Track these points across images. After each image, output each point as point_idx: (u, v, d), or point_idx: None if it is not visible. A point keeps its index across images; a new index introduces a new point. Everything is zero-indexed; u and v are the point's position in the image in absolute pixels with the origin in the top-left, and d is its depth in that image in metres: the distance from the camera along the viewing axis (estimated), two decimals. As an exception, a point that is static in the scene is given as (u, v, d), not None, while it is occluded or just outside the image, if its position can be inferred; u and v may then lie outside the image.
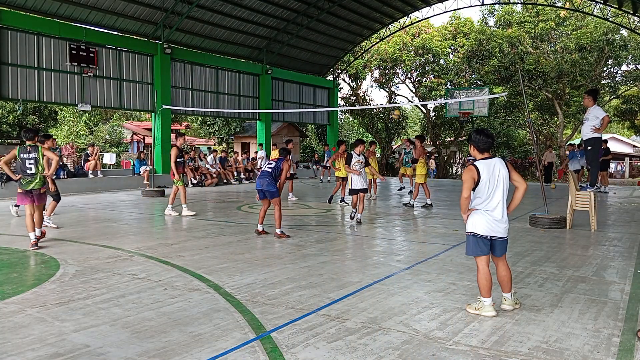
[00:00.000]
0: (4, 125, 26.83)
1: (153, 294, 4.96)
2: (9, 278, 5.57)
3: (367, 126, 38.40)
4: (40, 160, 7.34)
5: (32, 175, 7.32)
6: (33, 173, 7.31)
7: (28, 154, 7.32)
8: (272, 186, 8.19)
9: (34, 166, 7.32)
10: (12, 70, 16.01)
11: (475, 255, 4.42)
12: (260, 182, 8.25)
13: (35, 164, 7.33)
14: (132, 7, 18.50)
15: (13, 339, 3.77)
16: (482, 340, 3.82)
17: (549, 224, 9.13)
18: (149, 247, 7.35)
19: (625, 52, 29.98)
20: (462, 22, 35.60)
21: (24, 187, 7.34)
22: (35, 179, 7.33)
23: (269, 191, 8.19)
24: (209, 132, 34.98)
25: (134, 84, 19.41)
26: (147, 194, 15.19)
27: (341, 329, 4.03)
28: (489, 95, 25.49)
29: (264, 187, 8.19)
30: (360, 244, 7.76)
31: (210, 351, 3.57)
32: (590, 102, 9.13)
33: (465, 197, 4.37)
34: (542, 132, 34.64)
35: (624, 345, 3.75)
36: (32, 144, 7.40)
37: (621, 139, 48.33)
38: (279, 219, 8.22)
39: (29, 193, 7.36)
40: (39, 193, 7.43)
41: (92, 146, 19.16)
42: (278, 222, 8.22)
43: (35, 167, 7.32)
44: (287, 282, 5.42)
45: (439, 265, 6.22)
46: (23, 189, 7.37)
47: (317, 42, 26.59)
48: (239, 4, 20.92)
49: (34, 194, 7.38)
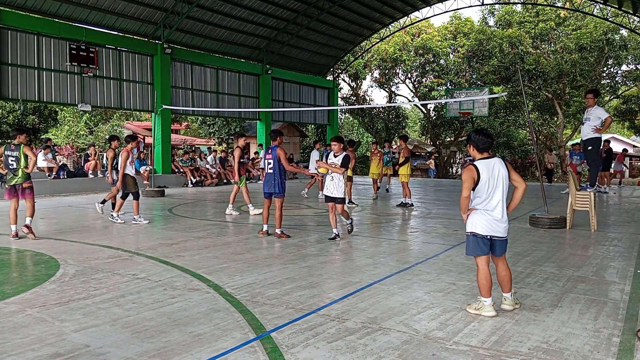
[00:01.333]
0: (4, 125, 26.82)
1: (153, 294, 4.96)
2: (9, 278, 5.57)
3: (367, 126, 38.40)
4: (21, 158, 7.86)
5: (14, 171, 7.90)
6: (14, 169, 7.90)
7: (11, 152, 7.91)
8: (278, 186, 8.11)
9: (15, 163, 7.89)
10: (12, 70, 16.02)
11: (475, 255, 4.42)
12: (267, 186, 8.20)
13: (16, 161, 7.88)
14: (132, 7, 18.50)
15: (13, 339, 3.77)
16: (482, 340, 3.82)
17: (549, 224, 9.13)
18: (149, 247, 7.35)
19: (625, 52, 29.98)
20: (462, 22, 35.61)
21: (9, 183, 8.00)
22: (17, 175, 7.89)
23: (275, 192, 8.15)
24: (209, 132, 34.99)
25: (134, 84, 19.41)
26: (147, 194, 15.19)
27: (341, 329, 4.03)
28: (489, 95, 25.49)
29: (272, 189, 8.16)
30: (360, 244, 7.76)
31: (210, 351, 3.57)
32: (593, 102, 9.13)
33: (465, 196, 4.37)
34: (542, 132, 34.64)
35: (624, 345, 3.75)
36: (16, 142, 7.95)
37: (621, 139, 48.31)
38: (279, 219, 8.17)
39: (12, 188, 7.97)
40: (21, 188, 7.96)
41: (92, 146, 19.17)
42: (278, 222, 8.18)
43: (16, 164, 7.88)
44: (287, 282, 5.42)
45: (439, 265, 6.22)
46: (8, 184, 8.01)
47: (317, 42, 26.59)
48: (239, 4, 20.93)
49: (18, 189, 7.97)
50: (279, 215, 8.16)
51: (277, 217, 8.15)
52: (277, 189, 8.12)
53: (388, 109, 36.97)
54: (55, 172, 16.47)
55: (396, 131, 39.04)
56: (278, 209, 8.15)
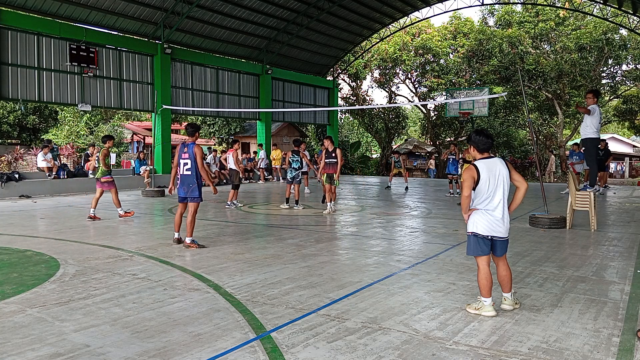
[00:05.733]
0: (5, 125, 26.84)
1: (153, 293, 4.96)
2: (9, 278, 5.57)
3: (367, 126, 38.40)
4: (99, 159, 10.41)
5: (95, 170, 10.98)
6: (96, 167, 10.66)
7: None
8: (196, 190, 7.28)
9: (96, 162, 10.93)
10: (12, 70, 16.01)
11: (476, 255, 4.42)
12: (183, 189, 7.33)
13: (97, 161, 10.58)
14: (132, 7, 18.49)
15: (13, 339, 3.77)
16: (482, 340, 3.82)
17: (549, 224, 9.13)
18: (149, 247, 7.35)
19: (625, 51, 29.98)
20: (462, 22, 35.60)
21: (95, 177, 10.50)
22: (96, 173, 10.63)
23: (192, 197, 7.31)
24: (209, 132, 34.98)
25: (134, 84, 19.40)
26: (147, 194, 15.19)
27: (341, 328, 4.03)
28: (489, 95, 25.48)
29: (188, 193, 7.30)
30: (360, 244, 7.76)
31: (210, 351, 3.57)
32: (593, 102, 9.14)
33: (465, 195, 4.37)
34: (542, 132, 34.64)
35: (623, 345, 3.75)
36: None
37: (621, 139, 48.33)
38: (191, 225, 7.32)
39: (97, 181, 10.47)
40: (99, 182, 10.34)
41: (92, 146, 19.16)
42: (190, 230, 7.32)
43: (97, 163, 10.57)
44: (287, 282, 5.42)
45: (439, 265, 6.22)
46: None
47: (317, 42, 26.58)
48: (239, 4, 20.92)
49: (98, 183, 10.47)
50: (191, 221, 7.30)
51: (189, 223, 7.29)
52: (196, 193, 7.27)
53: (388, 109, 36.96)
54: (55, 172, 16.47)
55: (396, 131, 39.05)
56: (191, 215, 7.31)
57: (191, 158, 7.24)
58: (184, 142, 7.50)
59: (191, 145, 7.29)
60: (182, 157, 7.35)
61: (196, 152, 7.20)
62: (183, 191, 7.36)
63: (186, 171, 7.28)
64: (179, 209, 7.59)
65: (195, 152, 7.20)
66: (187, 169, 7.27)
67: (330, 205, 11.38)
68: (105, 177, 10.36)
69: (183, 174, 7.32)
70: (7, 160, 21.75)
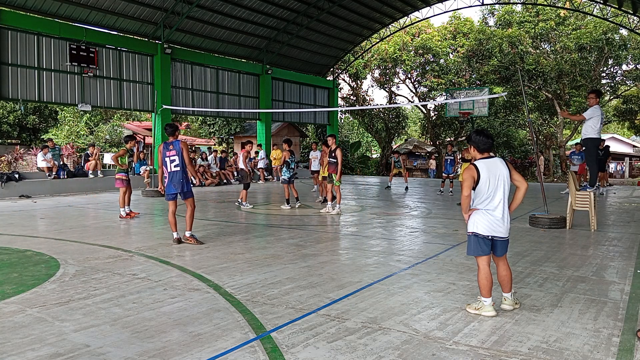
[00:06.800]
0: (5, 125, 26.84)
1: (153, 293, 4.96)
2: (9, 278, 5.57)
3: (367, 126, 38.39)
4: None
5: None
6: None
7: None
8: (187, 184, 7.42)
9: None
10: (12, 70, 16.01)
11: (477, 255, 4.42)
12: (174, 186, 7.41)
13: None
14: (132, 7, 18.50)
15: (13, 339, 3.77)
16: (482, 340, 3.82)
17: (548, 224, 9.13)
18: (149, 247, 7.35)
19: (625, 51, 29.97)
20: (462, 22, 35.59)
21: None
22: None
23: (184, 192, 7.43)
24: (209, 132, 34.98)
25: (134, 84, 19.41)
26: (147, 194, 15.19)
27: (341, 328, 4.03)
28: (488, 95, 25.48)
29: (179, 188, 7.39)
30: (360, 244, 7.76)
31: (210, 351, 3.57)
32: (595, 102, 9.13)
33: (465, 195, 4.37)
34: (542, 132, 34.64)
35: (623, 345, 3.75)
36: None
37: (621, 139, 48.31)
38: (190, 219, 7.53)
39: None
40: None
41: (92, 146, 19.16)
42: (189, 224, 7.54)
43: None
44: (287, 282, 5.42)
45: (439, 265, 6.22)
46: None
47: (317, 42, 26.59)
48: (239, 4, 20.92)
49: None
50: (191, 215, 7.51)
51: (189, 217, 7.51)
52: (187, 188, 7.41)
53: (388, 109, 36.96)
54: (55, 172, 16.47)
55: (396, 131, 39.03)
56: (190, 210, 7.51)
57: (178, 154, 7.38)
58: (166, 142, 7.68)
59: (177, 142, 7.49)
60: (168, 155, 7.47)
61: (183, 147, 7.41)
62: (173, 188, 7.45)
63: (174, 168, 7.40)
64: (170, 208, 7.67)
65: (182, 148, 7.40)
66: (175, 165, 7.39)
67: (330, 205, 11.39)
68: (119, 174, 10.55)
69: (172, 171, 7.43)
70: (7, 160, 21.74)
